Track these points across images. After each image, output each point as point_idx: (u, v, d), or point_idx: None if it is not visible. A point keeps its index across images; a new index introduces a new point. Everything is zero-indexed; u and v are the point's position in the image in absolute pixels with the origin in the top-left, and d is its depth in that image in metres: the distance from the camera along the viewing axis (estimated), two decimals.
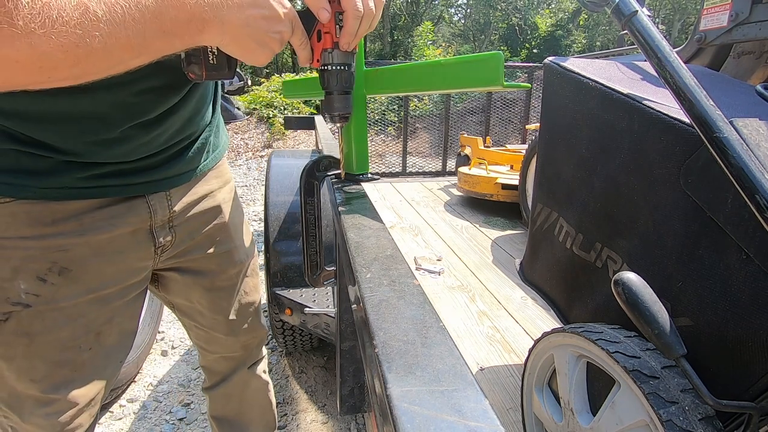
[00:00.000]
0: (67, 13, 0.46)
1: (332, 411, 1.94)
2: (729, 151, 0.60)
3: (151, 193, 0.82)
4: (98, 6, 0.48)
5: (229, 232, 1.02)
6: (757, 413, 0.63)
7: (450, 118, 4.56)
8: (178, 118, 0.80)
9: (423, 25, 19.24)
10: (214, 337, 1.08)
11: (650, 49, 0.70)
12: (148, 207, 0.82)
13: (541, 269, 1.11)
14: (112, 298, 0.82)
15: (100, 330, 0.82)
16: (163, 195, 0.84)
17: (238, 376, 1.16)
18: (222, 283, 1.02)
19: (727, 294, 0.66)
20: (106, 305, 0.82)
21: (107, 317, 0.83)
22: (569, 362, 0.84)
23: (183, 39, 0.56)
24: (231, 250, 1.03)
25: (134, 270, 0.85)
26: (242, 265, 1.06)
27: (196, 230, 0.95)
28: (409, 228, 2.71)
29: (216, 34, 0.57)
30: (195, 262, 0.97)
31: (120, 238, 0.80)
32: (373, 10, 0.68)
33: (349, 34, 0.68)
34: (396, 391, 0.30)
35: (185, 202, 0.90)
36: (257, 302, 1.13)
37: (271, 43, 0.62)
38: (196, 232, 0.95)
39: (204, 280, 1.00)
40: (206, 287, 1.00)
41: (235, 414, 1.20)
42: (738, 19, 1.47)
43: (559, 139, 1.01)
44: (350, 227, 0.63)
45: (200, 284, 1.00)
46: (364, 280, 0.47)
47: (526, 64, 4.49)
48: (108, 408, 1.95)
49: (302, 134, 9.22)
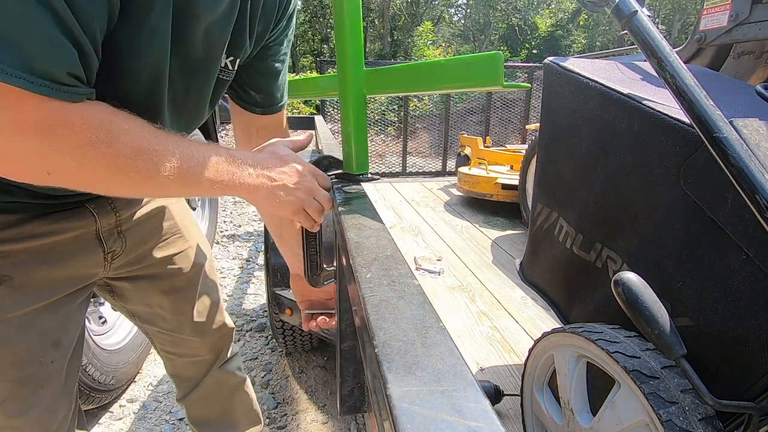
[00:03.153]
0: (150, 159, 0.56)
1: (332, 411, 1.94)
2: (729, 151, 0.60)
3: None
4: (173, 161, 0.58)
5: (182, 233, 1.01)
6: (757, 413, 0.63)
7: (450, 118, 4.56)
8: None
9: (423, 25, 19.25)
10: (180, 339, 1.06)
11: (650, 49, 0.70)
12: (90, 212, 0.81)
13: (541, 269, 1.11)
14: (61, 305, 0.80)
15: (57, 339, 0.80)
16: (104, 200, 0.83)
17: (211, 378, 1.13)
18: (181, 284, 1.01)
19: (727, 294, 0.66)
20: (57, 312, 0.79)
21: (60, 325, 0.80)
22: (569, 362, 0.84)
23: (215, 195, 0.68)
24: (187, 250, 1.02)
25: (82, 276, 0.83)
26: (200, 266, 1.05)
27: (148, 234, 0.94)
28: (409, 228, 2.71)
29: (245, 197, 0.70)
30: (151, 268, 0.96)
31: (63, 244, 0.78)
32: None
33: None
34: (396, 391, 0.30)
35: (132, 207, 0.89)
36: (219, 301, 1.12)
37: (287, 209, 0.74)
38: (150, 236, 0.94)
39: (162, 284, 0.98)
40: (165, 290, 0.99)
41: (219, 416, 1.18)
42: (738, 19, 1.47)
43: (559, 139, 1.01)
44: (350, 227, 0.63)
45: (158, 288, 0.98)
46: (364, 280, 0.46)
47: (526, 64, 4.49)
48: (108, 408, 1.95)
49: (302, 134, 9.21)
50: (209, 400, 1.16)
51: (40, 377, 0.78)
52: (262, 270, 3.27)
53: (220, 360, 1.15)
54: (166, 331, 1.04)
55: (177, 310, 1.02)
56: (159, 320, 1.02)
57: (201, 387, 1.13)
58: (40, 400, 0.78)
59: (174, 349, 1.08)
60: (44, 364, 0.78)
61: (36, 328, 0.76)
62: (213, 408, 1.17)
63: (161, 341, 1.08)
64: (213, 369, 1.13)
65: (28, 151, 0.49)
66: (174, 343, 1.07)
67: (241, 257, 3.60)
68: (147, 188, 0.59)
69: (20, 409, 0.76)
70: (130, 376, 2.02)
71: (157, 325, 1.03)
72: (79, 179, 0.54)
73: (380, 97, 6.12)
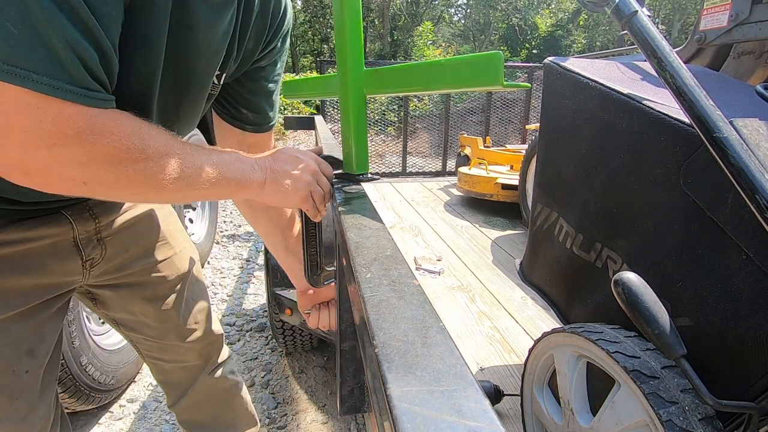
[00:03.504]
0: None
1: (332, 411, 1.94)
2: (729, 151, 0.60)
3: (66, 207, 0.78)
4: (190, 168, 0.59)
5: (167, 240, 0.99)
6: (757, 413, 0.63)
7: (450, 118, 4.56)
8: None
9: (423, 25, 19.25)
10: (166, 345, 1.03)
11: (650, 49, 0.70)
12: (67, 218, 0.78)
13: (541, 269, 1.11)
14: (36, 313, 0.77)
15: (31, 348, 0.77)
16: (82, 206, 0.80)
17: (201, 384, 1.11)
18: (165, 291, 0.98)
19: (727, 294, 0.66)
20: (31, 320, 0.76)
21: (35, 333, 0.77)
22: (569, 362, 0.84)
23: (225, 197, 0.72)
24: (172, 257, 0.99)
25: (59, 284, 0.80)
26: (186, 273, 1.03)
27: (130, 242, 0.91)
28: (409, 228, 2.71)
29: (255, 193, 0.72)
30: (134, 275, 0.93)
31: (38, 252, 0.75)
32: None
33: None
34: (396, 391, 0.30)
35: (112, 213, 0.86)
36: (207, 308, 1.09)
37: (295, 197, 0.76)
38: (132, 243, 0.91)
39: (145, 291, 0.96)
40: (148, 298, 0.96)
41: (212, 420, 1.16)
42: (738, 19, 1.47)
43: (559, 139, 1.01)
44: (350, 227, 0.63)
45: (141, 296, 0.95)
46: (364, 280, 0.46)
47: (526, 64, 4.49)
48: (108, 408, 1.95)
49: (302, 134, 9.22)
50: (201, 405, 1.13)
51: (14, 388, 0.75)
52: (262, 270, 3.27)
53: (210, 365, 1.12)
54: (151, 338, 1.01)
55: (161, 318, 0.99)
56: (143, 328, 0.99)
57: (191, 392, 1.11)
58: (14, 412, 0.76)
59: (161, 355, 1.05)
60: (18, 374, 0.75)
61: (9, 337, 0.73)
62: (205, 412, 1.15)
63: (147, 348, 1.05)
64: (203, 374, 1.11)
65: (68, 163, 0.49)
66: (161, 349, 1.04)
67: (241, 257, 3.60)
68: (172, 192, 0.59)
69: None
70: (130, 376, 2.02)
71: (142, 332, 1.00)
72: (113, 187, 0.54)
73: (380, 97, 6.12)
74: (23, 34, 0.43)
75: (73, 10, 0.45)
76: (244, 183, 0.67)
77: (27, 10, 0.42)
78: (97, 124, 0.49)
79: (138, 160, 0.53)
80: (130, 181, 0.53)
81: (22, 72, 0.43)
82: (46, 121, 0.46)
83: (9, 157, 0.48)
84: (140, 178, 0.54)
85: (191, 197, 0.62)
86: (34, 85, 0.44)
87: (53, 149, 0.47)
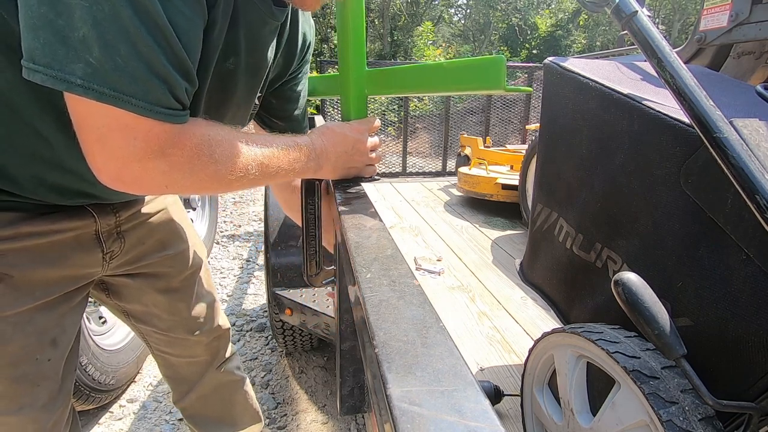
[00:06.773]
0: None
1: (332, 411, 1.94)
2: (729, 151, 0.60)
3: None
4: (254, 165, 0.67)
5: (179, 233, 1.02)
6: (757, 413, 0.63)
7: (450, 119, 4.55)
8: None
9: (423, 26, 19.26)
10: (175, 339, 1.06)
11: (650, 49, 0.70)
12: (90, 212, 0.81)
13: (541, 269, 1.11)
14: (59, 304, 0.80)
15: (54, 338, 0.80)
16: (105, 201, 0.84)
17: (208, 379, 1.13)
18: (177, 284, 1.02)
19: (728, 294, 0.66)
20: (54, 311, 0.80)
21: (57, 324, 0.81)
22: (569, 362, 0.84)
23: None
24: (184, 251, 1.03)
25: (80, 276, 0.84)
26: (196, 267, 1.06)
27: (146, 235, 0.94)
28: (409, 228, 2.71)
29: (313, 175, 0.82)
30: (149, 267, 0.97)
31: (62, 244, 0.78)
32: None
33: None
34: (396, 391, 0.30)
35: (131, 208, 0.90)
36: (215, 302, 1.12)
37: (348, 175, 0.88)
38: (147, 236, 0.95)
39: (158, 283, 0.99)
40: (161, 289, 0.99)
41: (218, 414, 1.18)
42: (738, 20, 1.47)
43: (559, 140, 1.01)
44: (350, 227, 0.63)
45: (154, 287, 0.99)
46: (364, 280, 0.46)
47: (526, 65, 4.49)
48: (108, 408, 1.95)
49: None
50: (207, 399, 1.15)
51: (36, 375, 0.78)
52: (262, 270, 3.27)
53: (217, 360, 1.14)
54: (161, 330, 1.04)
55: (172, 310, 1.02)
56: (154, 319, 1.02)
57: (198, 387, 1.13)
58: (35, 399, 0.78)
59: (169, 348, 1.08)
60: (41, 362, 0.78)
61: (33, 327, 0.76)
62: (211, 407, 1.17)
63: (156, 341, 1.07)
64: (210, 369, 1.13)
65: (154, 172, 0.57)
66: (169, 343, 1.06)
67: (241, 257, 3.60)
68: (238, 186, 0.67)
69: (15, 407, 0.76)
70: (130, 376, 2.02)
71: (152, 324, 1.03)
72: (189, 189, 0.63)
73: (380, 97, 6.12)
74: (128, 67, 0.51)
75: (169, 45, 0.53)
76: (302, 172, 0.77)
77: (134, 48, 0.50)
78: (174, 138, 0.57)
79: (207, 164, 0.61)
80: (202, 182, 0.62)
81: (125, 98, 0.51)
82: (138, 138, 0.54)
83: (108, 168, 0.56)
84: (210, 179, 0.62)
85: (254, 186, 0.71)
86: (134, 108, 0.52)
87: (143, 162, 0.55)
